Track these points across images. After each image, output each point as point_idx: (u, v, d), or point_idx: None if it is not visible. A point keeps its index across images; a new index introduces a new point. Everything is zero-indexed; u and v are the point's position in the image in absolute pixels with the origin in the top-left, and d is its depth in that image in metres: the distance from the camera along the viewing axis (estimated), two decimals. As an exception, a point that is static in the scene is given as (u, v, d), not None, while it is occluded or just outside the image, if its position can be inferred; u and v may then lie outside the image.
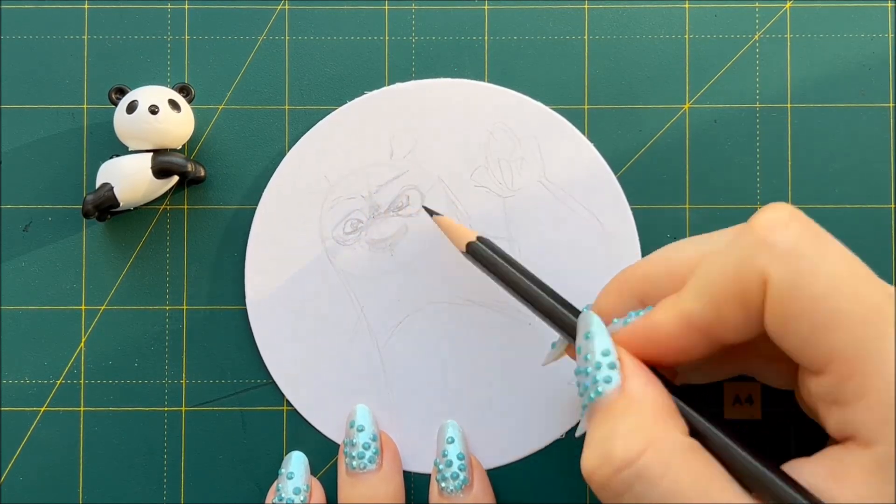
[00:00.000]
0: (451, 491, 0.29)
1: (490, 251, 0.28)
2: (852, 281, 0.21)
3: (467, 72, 0.32)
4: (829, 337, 0.21)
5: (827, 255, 0.21)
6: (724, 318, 0.22)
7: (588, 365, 0.24)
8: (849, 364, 0.20)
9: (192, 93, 0.31)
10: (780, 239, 0.21)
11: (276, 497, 0.30)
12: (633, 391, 0.23)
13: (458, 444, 0.30)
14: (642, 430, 0.22)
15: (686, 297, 0.23)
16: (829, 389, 0.21)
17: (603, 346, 0.24)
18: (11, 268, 0.32)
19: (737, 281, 0.22)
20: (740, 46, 0.32)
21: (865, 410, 0.20)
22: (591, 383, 0.23)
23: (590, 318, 0.24)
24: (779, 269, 0.21)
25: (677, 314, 0.23)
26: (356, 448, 0.30)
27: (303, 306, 0.31)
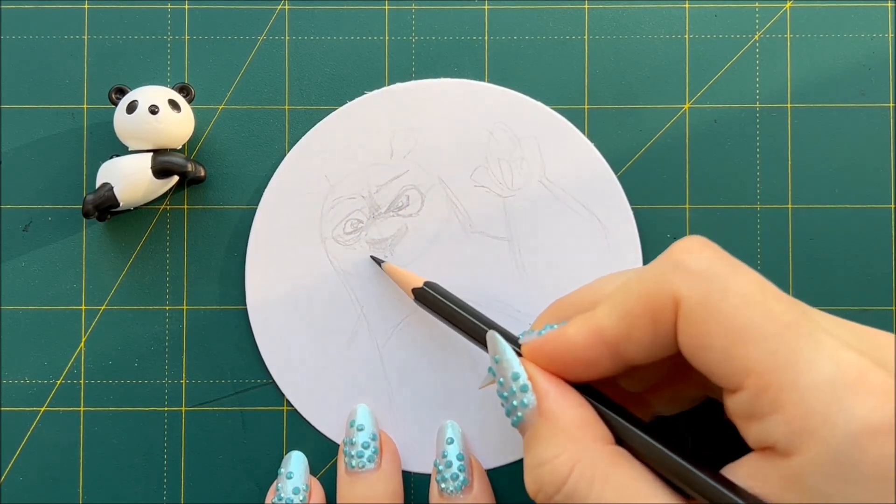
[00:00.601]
0: (451, 492, 0.29)
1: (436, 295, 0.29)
2: (763, 298, 0.21)
3: (467, 72, 0.32)
4: (742, 352, 0.21)
5: (738, 275, 0.22)
6: (633, 335, 0.23)
7: (503, 390, 0.24)
8: (762, 378, 0.21)
9: (192, 93, 0.31)
10: (692, 261, 0.22)
11: (276, 497, 0.30)
12: (549, 410, 0.24)
13: (457, 444, 0.30)
14: (565, 451, 0.23)
15: (600, 312, 0.24)
16: (745, 405, 0.21)
17: (512, 369, 0.24)
18: (11, 268, 0.32)
19: (649, 300, 0.22)
20: (740, 46, 0.32)
21: (781, 423, 0.21)
22: (511, 408, 0.24)
23: (495, 340, 0.25)
24: (690, 289, 0.22)
25: (589, 328, 0.24)
26: (355, 447, 0.30)
27: (303, 306, 0.31)
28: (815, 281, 0.32)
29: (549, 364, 0.24)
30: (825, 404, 0.20)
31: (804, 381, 0.20)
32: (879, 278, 0.32)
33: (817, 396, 0.20)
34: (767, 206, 0.32)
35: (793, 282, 0.32)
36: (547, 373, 0.24)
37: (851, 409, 0.20)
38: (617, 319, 0.23)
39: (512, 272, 0.31)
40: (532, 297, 0.31)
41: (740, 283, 0.22)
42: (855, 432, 0.19)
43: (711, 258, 0.22)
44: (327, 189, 0.32)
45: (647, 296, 0.22)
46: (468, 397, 0.31)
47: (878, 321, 0.32)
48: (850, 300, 0.32)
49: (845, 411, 0.20)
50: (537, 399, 0.24)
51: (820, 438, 0.20)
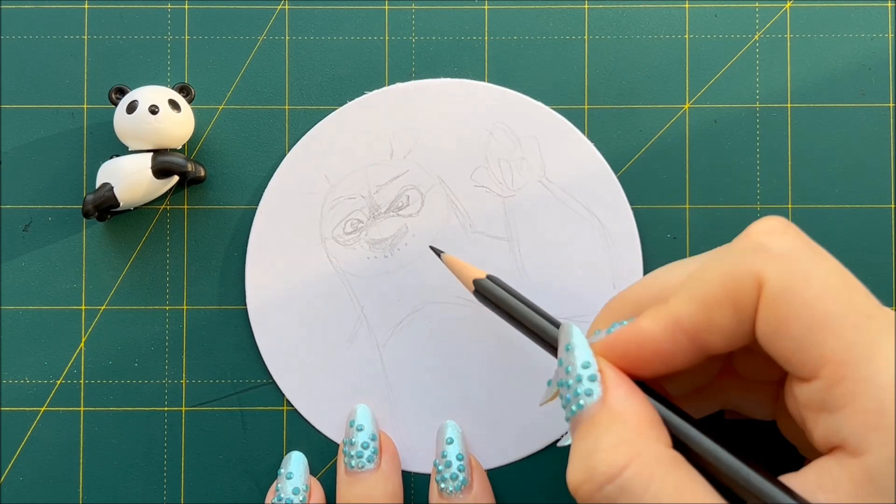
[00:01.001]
0: (450, 492, 0.29)
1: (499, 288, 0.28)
2: (846, 287, 0.21)
3: (467, 72, 0.32)
4: (821, 340, 0.21)
5: (821, 261, 0.22)
6: (714, 321, 0.22)
7: (569, 377, 0.23)
8: (839, 368, 0.20)
9: (192, 93, 0.31)
10: (776, 243, 0.22)
11: (276, 497, 0.30)
12: (615, 403, 0.23)
13: (457, 444, 0.30)
14: (625, 444, 0.22)
15: (676, 302, 0.23)
16: (818, 395, 0.21)
17: (583, 358, 0.23)
18: (11, 268, 0.32)
19: (730, 283, 0.22)
20: (740, 46, 0.32)
21: (854, 417, 0.20)
22: (573, 396, 0.23)
23: (570, 330, 0.24)
24: (774, 272, 0.21)
25: (666, 318, 0.23)
26: (355, 447, 0.30)
27: (303, 306, 0.31)
28: (815, 281, 0.32)
29: (622, 360, 0.23)
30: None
31: (882, 376, 0.20)
32: (879, 278, 0.32)
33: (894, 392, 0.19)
34: (767, 206, 0.32)
35: (793, 282, 0.32)
36: (618, 370, 0.23)
37: None
38: (696, 306, 0.22)
39: (512, 272, 0.31)
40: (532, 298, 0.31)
41: (824, 269, 0.21)
42: None
43: (795, 241, 0.22)
44: (327, 189, 0.32)
45: (728, 279, 0.22)
46: (468, 397, 0.31)
47: (878, 321, 0.32)
48: (850, 300, 0.32)
49: None
50: (604, 391, 0.23)
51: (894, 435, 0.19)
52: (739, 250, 0.22)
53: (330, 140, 0.32)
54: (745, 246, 0.22)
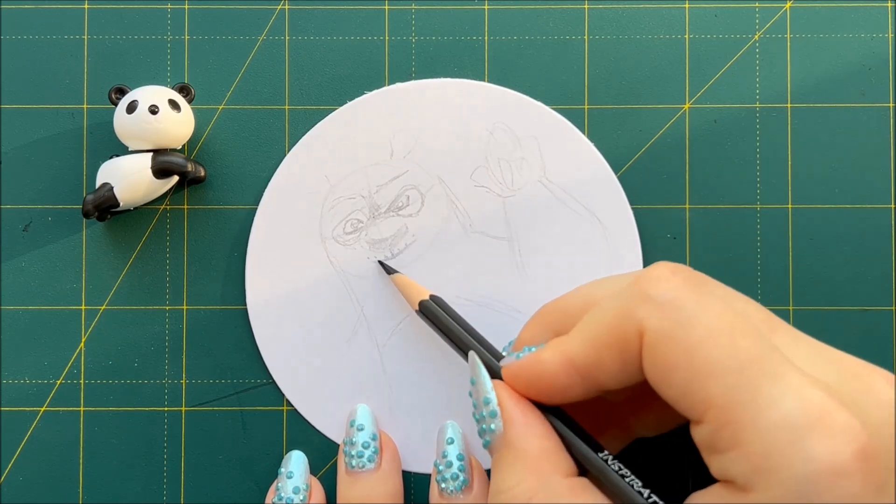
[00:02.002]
0: (451, 492, 0.29)
1: (440, 309, 0.29)
2: (729, 332, 0.21)
3: (467, 72, 0.32)
4: (704, 386, 0.21)
5: (706, 307, 0.22)
6: (603, 364, 0.23)
7: (476, 412, 0.25)
8: (723, 413, 0.21)
9: (192, 93, 0.31)
10: (659, 291, 0.22)
11: (276, 496, 0.30)
12: (513, 439, 0.24)
13: (457, 444, 0.30)
14: (523, 482, 0.23)
15: (571, 340, 0.24)
16: (707, 437, 0.21)
17: (484, 394, 0.25)
18: (11, 268, 0.32)
19: (616, 330, 0.22)
20: (740, 46, 0.32)
21: (740, 459, 0.20)
22: (481, 431, 0.25)
23: (473, 362, 0.26)
24: (654, 321, 0.22)
25: (561, 354, 0.24)
26: (355, 447, 0.30)
27: (303, 306, 0.31)
28: (815, 281, 0.32)
29: (526, 388, 0.25)
30: (784, 444, 0.20)
31: (763, 420, 0.20)
32: (879, 278, 0.32)
33: (776, 435, 0.20)
34: (767, 206, 0.32)
35: (793, 282, 0.32)
36: (518, 399, 0.25)
37: (810, 449, 0.19)
38: (587, 348, 0.23)
39: (512, 272, 0.31)
40: (532, 297, 0.31)
41: (707, 315, 0.21)
42: (813, 473, 0.19)
43: (679, 288, 0.22)
44: (327, 189, 0.32)
45: (614, 325, 0.23)
46: (468, 397, 0.31)
47: (878, 321, 0.32)
48: (850, 300, 0.32)
49: (804, 451, 0.20)
50: (504, 426, 0.24)
51: (778, 478, 0.20)
52: (626, 297, 0.23)
53: (330, 140, 0.32)
54: (631, 293, 0.23)
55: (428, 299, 0.30)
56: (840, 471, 0.19)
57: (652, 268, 0.23)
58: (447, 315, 0.29)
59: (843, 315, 0.32)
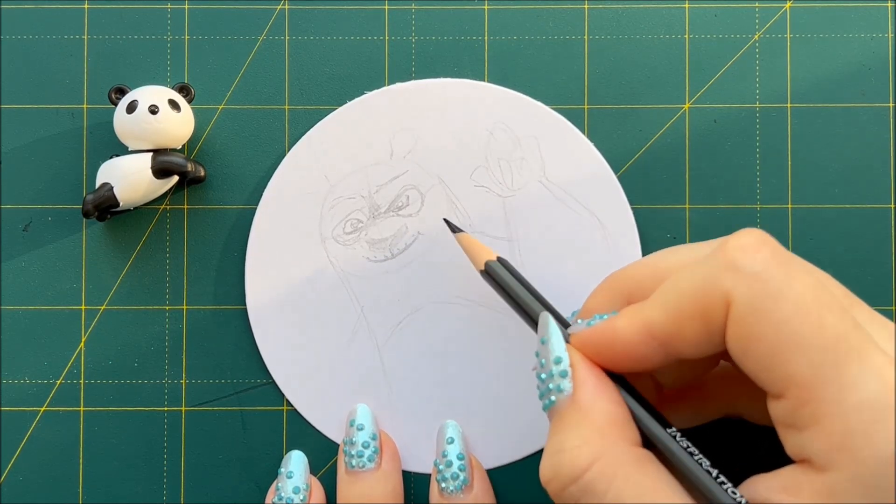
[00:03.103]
0: (451, 491, 0.29)
1: (507, 271, 0.28)
2: (816, 308, 0.21)
3: (467, 72, 0.32)
4: (788, 361, 0.21)
5: (794, 281, 0.21)
6: (684, 332, 0.22)
7: (543, 371, 0.24)
8: (805, 390, 0.20)
9: (192, 93, 0.31)
10: (748, 262, 0.22)
11: (276, 496, 0.30)
12: (583, 401, 0.23)
13: (458, 444, 0.30)
14: (588, 445, 0.22)
15: (650, 307, 0.23)
16: (786, 413, 0.21)
17: (556, 353, 0.24)
18: (11, 268, 0.32)
19: (700, 299, 0.22)
20: (740, 46, 0.32)
21: (819, 437, 0.20)
22: (546, 391, 0.24)
23: (546, 322, 0.25)
24: (742, 292, 0.21)
25: (639, 322, 0.23)
26: (355, 447, 0.30)
27: (303, 306, 0.31)
28: (815, 281, 0.32)
29: (596, 355, 0.24)
30: (866, 423, 0.20)
31: (847, 398, 0.20)
32: (879, 278, 0.32)
33: (859, 415, 0.20)
34: (767, 206, 0.32)
35: (793, 282, 0.32)
36: (590, 364, 0.24)
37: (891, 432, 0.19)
38: (667, 316, 0.22)
39: (512, 272, 0.31)
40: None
41: (795, 289, 0.21)
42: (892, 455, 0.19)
43: (767, 259, 0.22)
44: (327, 189, 0.32)
45: (698, 294, 0.22)
46: (468, 397, 0.31)
47: (878, 321, 0.32)
48: (850, 300, 0.32)
49: (886, 432, 0.19)
50: (574, 388, 0.23)
51: (858, 457, 0.20)
52: (712, 265, 0.22)
53: (330, 140, 0.32)
54: (718, 261, 0.22)
55: (495, 260, 0.28)
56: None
57: (738, 235, 0.22)
58: (514, 277, 0.28)
59: (843, 315, 0.32)
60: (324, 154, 0.32)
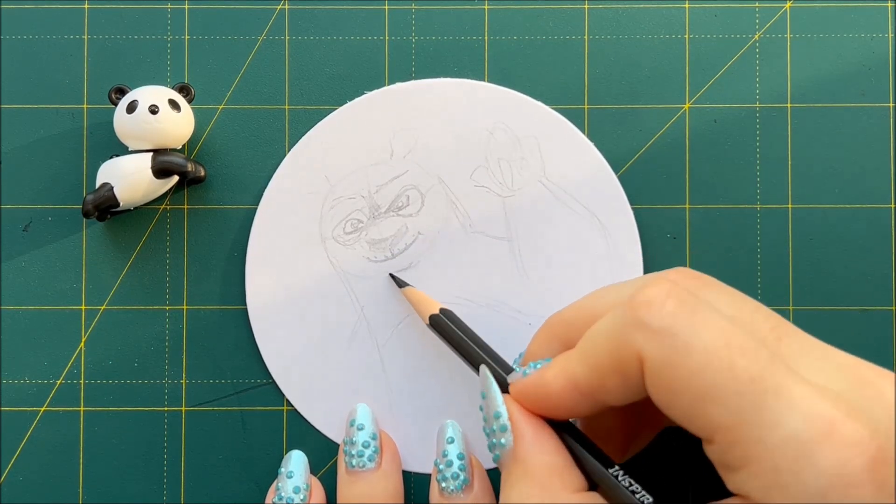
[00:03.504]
0: (451, 491, 0.29)
1: (450, 323, 0.29)
2: (727, 354, 0.21)
3: (467, 72, 0.32)
4: (708, 410, 0.21)
5: (701, 331, 0.21)
6: (606, 386, 0.23)
7: (486, 426, 0.25)
8: (730, 434, 0.21)
9: (192, 93, 0.31)
10: (654, 317, 0.22)
11: (276, 496, 0.30)
12: (521, 454, 0.24)
13: (458, 444, 0.30)
14: (531, 498, 0.23)
15: (574, 361, 0.24)
16: (718, 456, 0.21)
17: (494, 408, 0.25)
18: (11, 268, 0.32)
19: (615, 355, 0.22)
20: (740, 46, 0.32)
21: (751, 477, 0.21)
22: (491, 446, 0.25)
23: (484, 375, 0.26)
24: (652, 349, 0.21)
25: (564, 376, 0.24)
26: (356, 447, 0.30)
27: (303, 306, 0.31)
28: (815, 281, 0.32)
29: (533, 405, 0.24)
30: (793, 460, 0.20)
31: (770, 437, 0.20)
32: (879, 278, 0.32)
33: (784, 452, 0.20)
34: (767, 206, 0.32)
35: (793, 282, 0.32)
36: (528, 415, 0.24)
37: (820, 463, 0.19)
38: (589, 371, 0.23)
39: (512, 272, 0.31)
40: (532, 298, 0.31)
41: (703, 339, 0.21)
42: (824, 486, 0.19)
43: (674, 312, 0.22)
44: (327, 189, 0.32)
45: (612, 351, 0.22)
46: (468, 397, 0.31)
47: (878, 321, 0.32)
48: (850, 300, 0.32)
49: (814, 466, 0.20)
50: (514, 441, 0.24)
51: (791, 492, 0.20)
52: (622, 322, 0.22)
53: (330, 140, 0.32)
54: (626, 318, 0.22)
55: (438, 313, 0.30)
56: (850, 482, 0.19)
57: (646, 286, 0.22)
58: (457, 329, 0.29)
59: (843, 315, 0.32)
60: (324, 154, 0.32)
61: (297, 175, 0.32)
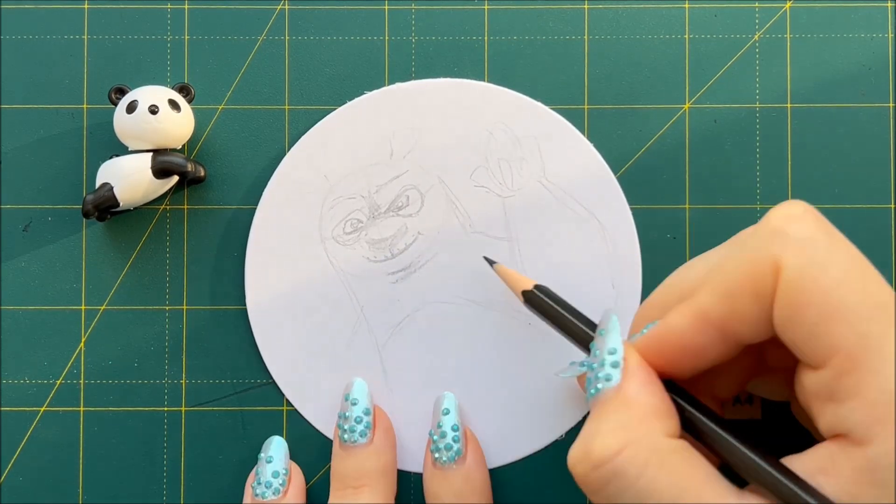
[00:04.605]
0: (444, 462, 0.29)
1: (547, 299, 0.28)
2: (862, 276, 0.21)
3: (467, 72, 0.32)
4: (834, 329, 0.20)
5: (839, 249, 0.21)
6: (737, 310, 0.22)
7: (595, 361, 0.24)
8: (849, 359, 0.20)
9: (192, 93, 0.31)
10: (795, 229, 0.22)
11: (255, 481, 0.30)
12: (628, 391, 0.23)
13: (453, 415, 0.30)
14: (624, 430, 0.22)
15: (700, 295, 0.23)
16: (826, 385, 0.21)
17: (611, 344, 0.24)
18: (11, 268, 0.32)
19: (750, 270, 0.22)
20: (740, 46, 0.32)
21: (861, 408, 0.20)
22: (594, 379, 0.24)
23: (608, 318, 0.25)
24: (792, 257, 0.21)
25: (691, 311, 0.23)
26: (349, 421, 0.30)
27: (303, 306, 0.31)
28: (815, 281, 0.32)
29: (658, 358, 0.24)
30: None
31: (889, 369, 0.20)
32: (879, 278, 0.32)
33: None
34: (767, 206, 0.32)
35: (793, 282, 0.32)
36: (643, 361, 0.24)
37: None
38: (719, 297, 0.22)
39: (512, 272, 0.31)
40: (532, 297, 0.31)
41: (841, 257, 0.21)
42: None
43: (814, 227, 0.22)
44: (327, 189, 0.32)
45: (748, 267, 0.22)
46: (468, 397, 0.31)
47: (878, 321, 0.32)
48: (850, 300, 0.32)
49: None
50: (622, 378, 0.23)
51: None
52: (759, 237, 0.22)
53: (330, 140, 0.32)
54: (764, 232, 0.22)
55: (532, 289, 0.29)
56: None
57: (782, 206, 0.22)
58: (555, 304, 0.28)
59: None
60: (324, 154, 0.32)
61: (297, 175, 0.32)
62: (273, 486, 0.30)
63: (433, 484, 0.30)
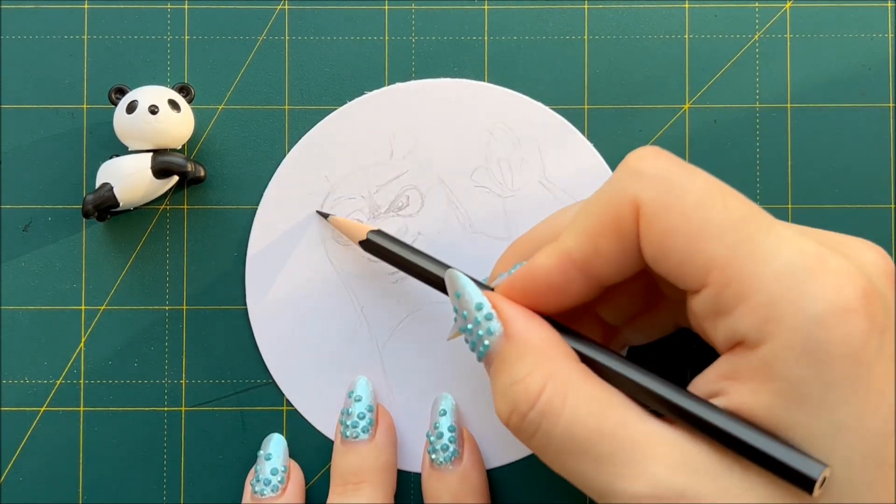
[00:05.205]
0: (440, 463, 0.29)
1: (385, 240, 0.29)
2: (721, 195, 0.22)
3: (467, 72, 0.32)
4: (704, 248, 0.21)
5: (695, 176, 0.22)
6: (600, 250, 0.23)
7: (467, 322, 0.25)
8: (725, 271, 0.21)
9: (191, 93, 0.31)
10: (648, 166, 0.23)
11: (254, 478, 0.30)
12: (517, 333, 0.24)
13: (450, 416, 0.30)
14: (537, 369, 0.23)
15: (564, 237, 0.24)
16: (710, 302, 0.21)
17: (475, 300, 0.24)
18: (11, 268, 0.32)
19: (611, 211, 0.23)
20: (740, 46, 0.32)
21: (747, 313, 0.21)
22: (477, 339, 0.24)
23: (455, 276, 0.25)
24: (649, 192, 0.22)
25: (556, 252, 0.24)
26: (351, 417, 0.30)
27: (303, 306, 0.31)
28: (815, 281, 0.32)
29: (523, 298, 0.24)
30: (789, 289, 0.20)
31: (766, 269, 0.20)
32: (879, 278, 0.32)
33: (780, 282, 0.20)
34: (767, 206, 0.32)
35: (793, 282, 0.32)
36: (511, 301, 0.24)
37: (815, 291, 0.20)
38: (583, 238, 0.23)
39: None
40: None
41: (697, 182, 0.22)
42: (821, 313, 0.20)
43: (667, 162, 0.23)
44: (327, 189, 0.32)
45: (608, 208, 0.23)
46: (468, 397, 0.31)
47: (878, 321, 0.32)
48: (850, 300, 0.32)
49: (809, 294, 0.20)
50: (504, 325, 0.24)
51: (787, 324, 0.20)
52: (617, 179, 0.23)
53: (330, 140, 0.32)
54: (621, 174, 0.23)
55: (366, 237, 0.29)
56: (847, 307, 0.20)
57: (637, 150, 0.23)
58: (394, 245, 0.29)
59: (843, 315, 0.32)
60: (324, 154, 0.32)
61: (297, 175, 0.32)
62: (272, 484, 0.30)
63: (430, 484, 0.30)
